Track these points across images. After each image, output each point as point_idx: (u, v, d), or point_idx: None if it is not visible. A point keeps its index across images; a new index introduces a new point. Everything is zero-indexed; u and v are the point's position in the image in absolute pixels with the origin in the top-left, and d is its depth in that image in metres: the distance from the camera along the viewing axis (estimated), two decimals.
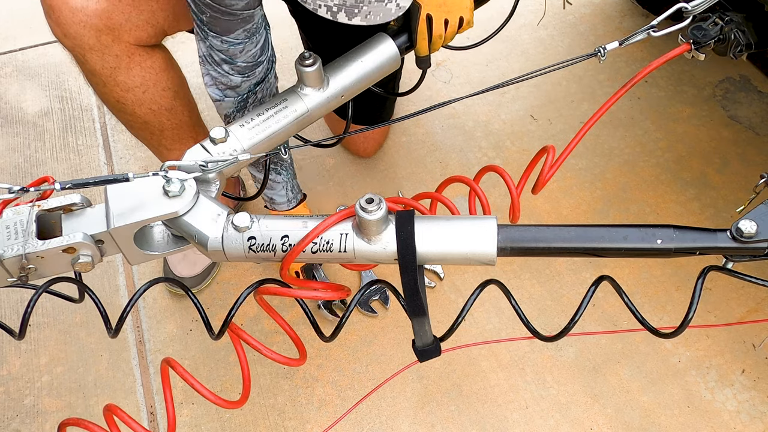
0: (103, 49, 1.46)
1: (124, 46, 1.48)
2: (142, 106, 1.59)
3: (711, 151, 2.19)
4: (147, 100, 1.58)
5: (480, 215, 1.10)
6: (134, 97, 1.56)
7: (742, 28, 1.32)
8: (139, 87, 1.55)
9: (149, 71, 1.55)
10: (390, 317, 1.87)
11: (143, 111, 1.60)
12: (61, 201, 1.02)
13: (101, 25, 1.43)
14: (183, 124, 1.67)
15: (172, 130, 1.67)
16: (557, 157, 1.25)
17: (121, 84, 1.53)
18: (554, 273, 1.93)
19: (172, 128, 1.66)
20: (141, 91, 1.56)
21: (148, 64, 1.54)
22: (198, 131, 1.73)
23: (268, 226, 1.03)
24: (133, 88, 1.55)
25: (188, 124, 1.69)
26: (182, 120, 1.67)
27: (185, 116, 1.67)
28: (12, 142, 2.34)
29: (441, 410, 1.71)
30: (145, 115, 1.61)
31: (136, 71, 1.53)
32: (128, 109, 1.59)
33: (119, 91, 1.55)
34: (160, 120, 1.63)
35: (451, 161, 2.20)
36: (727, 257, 1.02)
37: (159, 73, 1.56)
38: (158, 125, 1.64)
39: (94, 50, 1.46)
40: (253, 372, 1.74)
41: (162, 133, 1.67)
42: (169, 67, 1.60)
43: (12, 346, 1.85)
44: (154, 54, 1.55)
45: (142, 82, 1.55)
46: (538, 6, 2.58)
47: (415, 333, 1.09)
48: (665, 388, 1.73)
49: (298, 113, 1.33)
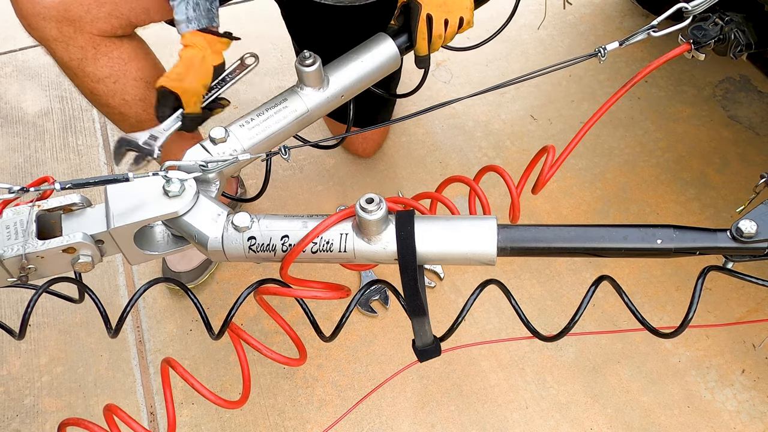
0: (67, 40, 1.47)
1: (87, 37, 1.48)
2: (114, 97, 1.59)
3: (711, 151, 2.19)
4: (119, 90, 1.58)
5: (480, 215, 1.10)
6: (105, 88, 1.56)
7: (742, 28, 1.32)
8: (109, 77, 1.55)
9: (117, 61, 1.54)
10: (390, 317, 1.87)
11: (117, 102, 1.60)
12: (61, 201, 1.02)
13: (60, 16, 1.43)
14: None
15: (150, 121, 1.66)
16: (557, 157, 1.25)
17: (90, 75, 1.53)
18: (554, 273, 1.93)
19: (149, 119, 1.65)
20: (111, 81, 1.56)
21: (115, 55, 1.53)
22: None
23: (268, 226, 1.03)
24: (103, 78, 1.55)
25: None
26: None
27: None
28: (12, 142, 2.34)
29: (441, 410, 1.71)
30: (119, 106, 1.61)
31: (103, 62, 1.52)
32: (102, 100, 1.59)
33: (90, 82, 1.55)
34: (135, 111, 1.63)
35: (451, 161, 2.20)
36: (727, 257, 1.02)
37: (128, 63, 1.56)
38: (135, 116, 1.64)
39: (57, 41, 1.47)
40: (253, 372, 1.74)
41: (140, 124, 1.65)
42: (139, 57, 1.59)
43: (12, 346, 1.85)
44: (121, 44, 1.54)
45: (110, 73, 1.54)
46: (538, 6, 2.58)
47: (415, 333, 1.09)
48: (665, 388, 1.73)
49: (298, 113, 1.33)
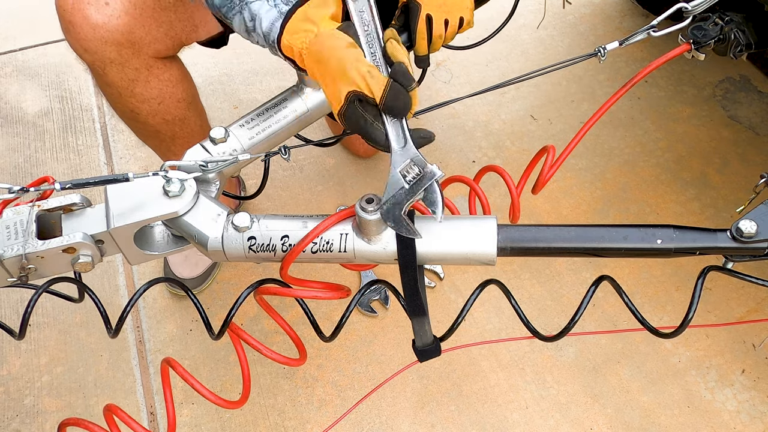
0: (124, 62, 1.46)
1: (143, 59, 1.48)
2: (156, 117, 1.59)
3: (711, 151, 2.19)
4: (162, 111, 1.59)
5: (480, 215, 1.10)
6: (149, 108, 1.57)
7: (742, 28, 1.32)
8: (156, 98, 1.56)
9: (166, 83, 1.55)
10: (390, 317, 1.87)
11: (156, 121, 1.60)
12: (61, 201, 1.02)
13: (123, 39, 1.42)
14: (194, 133, 1.69)
15: (183, 138, 1.68)
16: (557, 157, 1.25)
17: (137, 95, 1.53)
18: (554, 273, 1.93)
19: (183, 137, 1.68)
20: (157, 102, 1.56)
21: (166, 77, 1.54)
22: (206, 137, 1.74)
23: (268, 226, 1.03)
24: (149, 99, 1.55)
25: (199, 133, 1.70)
26: (193, 129, 1.68)
27: (197, 126, 1.69)
28: (12, 142, 2.34)
29: (441, 410, 1.71)
30: (158, 125, 1.62)
31: (154, 83, 1.53)
32: (141, 119, 1.60)
33: (135, 102, 1.55)
34: (172, 129, 1.64)
35: (451, 161, 2.20)
36: (727, 257, 1.02)
37: (175, 85, 1.57)
38: (170, 134, 1.65)
39: (114, 64, 1.46)
40: (253, 372, 1.74)
41: (173, 141, 1.68)
42: (184, 78, 1.61)
43: (12, 346, 1.85)
44: (171, 66, 1.55)
45: (158, 94, 1.55)
46: (538, 6, 2.58)
47: (415, 333, 1.09)
48: (665, 388, 1.73)
49: (298, 113, 1.33)
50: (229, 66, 2.52)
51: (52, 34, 2.68)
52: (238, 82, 2.47)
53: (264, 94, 2.40)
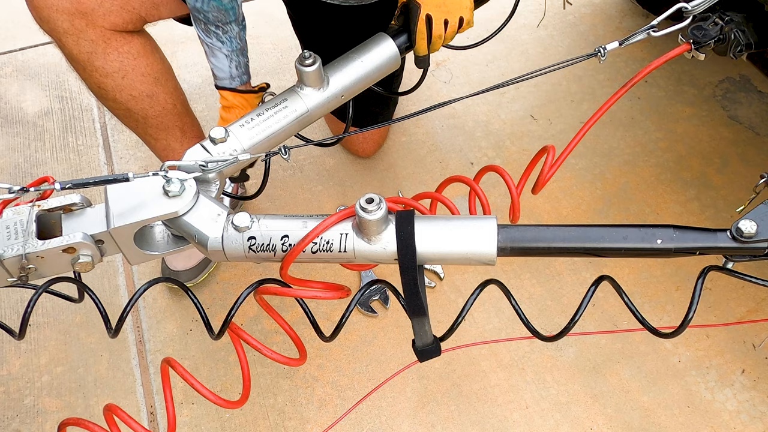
0: (78, 33, 1.47)
1: (99, 31, 1.48)
2: (122, 92, 1.59)
3: (711, 151, 2.19)
4: (126, 85, 1.58)
5: (480, 215, 1.10)
6: (113, 83, 1.57)
7: (742, 28, 1.32)
8: (118, 72, 1.56)
9: (126, 56, 1.55)
10: (390, 317, 1.87)
11: (124, 97, 1.60)
12: (61, 201, 1.02)
13: (72, 9, 1.44)
14: (166, 112, 1.67)
15: (156, 117, 1.67)
16: (557, 157, 1.25)
17: (99, 69, 1.54)
18: (554, 273, 1.93)
19: (155, 116, 1.66)
20: (120, 76, 1.56)
21: (125, 50, 1.54)
22: (184, 121, 1.73)
23: (268, 226, 1.03)
24: (112, 73, 1.55)
25: (172, 113, 1.68)
26: (165, 108, 1.67)
27: (169, 104, 1.67)
28: (12, 142, 2.34)
29: (441, 410, 1.71)
30: (126, 102, 1.61)
31: (113, 56, 1.53)
32: (109, 95, 1.60)
33: (98, 76, 1.56)
34: (142, 107, 1.64)
35: (451, 161, 2.20)
36: (727, 257, 1.02)
37: (137, 59, 1.57)
38: (141, 112, 1.65)
39: (68, 34, 1.47)
40: (253, 372, 1.74)
41: (146, 120, 1.67)
42: (148, 52, 1.60)
43: (12, 346, 1.85)
44: (132, 39, 1.55)
45: (120, 68, 1.55)
46: (538, 6, 2.58)
47: (415, 333, 1.09)
48: (665, 388, 1.73)
49: (298, 113, 1.33)
50: None
51: None
52: None
53: None
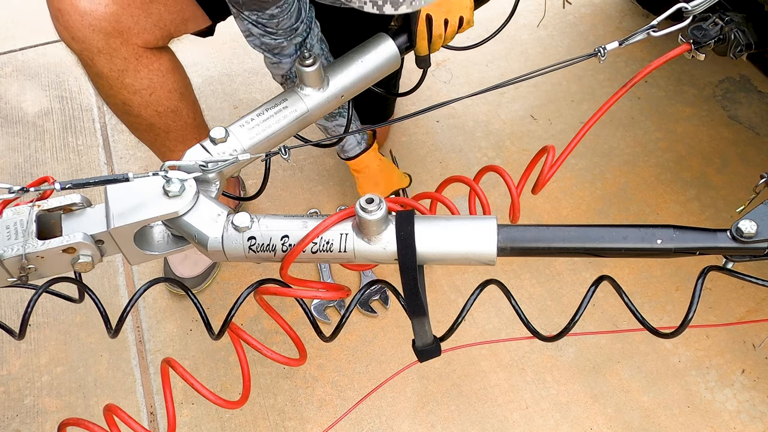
0: (112, 52, 1.46)
1: (132, 49, 1.48)
2: (148, 108, 1.59)
3: (711, 151, 2.19)
4: (153, 102, 1.58)
5: (480, 215, 1.10)
6: (141, 100, 1.57)
7: (742, 28, 1.32)
8: (146, 89, 1.55)
9: (156, 73, 1.55)
10: (390, 317, 1.87)
11: (149, 113, 1.60)
12: (61, 201, 1.02)
13: (110, 28, 1.42)
14: (188, 125, 1.68)
15: (177, 131, 1.67)
16: (557, 157, 1.25)
17: (128, 86, 1.53)
18: (554, 273, 1.93)
19: (176, 129, 1.67)
20: (148, 93, 1.56)
21: (155, 67, 1.54)
22: (201, 132, 1.73)
23: (268, 226, 1.03)
24: (140, 90, 1.55)
25: (192, 126, 1.69)
26: (187, 122, 1.67)
27: (190, 118, 1.68)
28: (12, 142, 2.34)
29: (441, 410, 1.71)
30: (150, 117, 1.61)
31: (144, 73, 1.53)
32: (134, 111, 1.59)
33: (126, 93, 1.55)
34: (165, 122, 1.64)
35: (451, 161, 2.20)
36: (727, 257, 1.02)
37: (166, 75, 1.57)
38: (164, 127, 1.65)
39: (102, 53, 1.46)
40: (253, 372, 1.74)
41: (167, 134, 1.67)
42: (176, 68, 1.60)
43: (12, 346, 1.85)
44: (161, 56, 1.55)
45: (149, 85, 1.55)
46: (538, 6, 2.58)
47: (415, 333, 1.09)
48: (665, 388, 1.73)
49: (298, 113, 1.34)
50: (229, 66, 2.51)
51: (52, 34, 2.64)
52: (238, 82, 2.47)
53: (264, 94, 2.39)
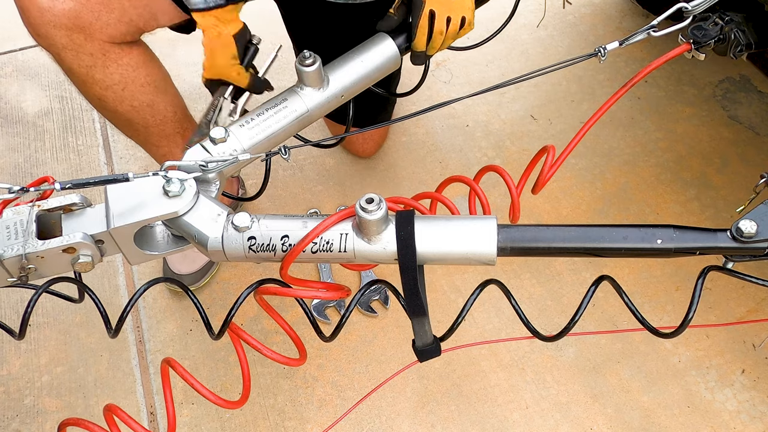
0: (77, 48, 1.46)
1: (97, 45, 1.47)
2: (122, 103, 1.58)
3: (711, 151, 2.19)
4: (127, 96, 1.58)
5: (480, 215, 1.10)
6: (114, 95, 1.56)
7: (742, 28, 1.32)
8: (118, 84, 1.55)
9: (126, 68, 1.54)
10: (390, 317, 1.87)
11: (124, 108, 1.60)
12: (61, 201, 1.02)
13: (70, 24, 1.43)
14: (167, 120, 1.67)
15: (157, 126, 1.66)
16: (557, 157, 1.25)
17: (99, 82, 1.53)
18: (554, 273, 1.93)
19: (156, 124, 1.66)
20: (120, 88, 1.55)
21: (125, 62, 1.53)
22: (185, 127, 1.72)
23: (268, 226, 1.03)
24: (112, 85, 1.54)
25: (172, 120, 1.68)
26: (166, 116, 1.66)
27: (169, 112, 1.67)
28: (12, 142, 2.34)
29: (441, 410, 1.71)
30: (127, 112, 1.61)
31: (113, 68, 1.52)
32: (109, 106, 1.59)
33: (98, 89, 1.55)
34: (143, 116, 1.63)
35: (451, 161, 2.20)
36: (727, 257, 1.02)
37: (137, 70, 1.56)
38: (142, 122, 1.64)
39: (67, 49, 1.46)
40: (253, 372, 1.74)
41: (147, 129, 1.66)
42: (147, 62, 1.59)
43: (12, 346, 1.85)
44: (130, 51, 1.54)
45: (120, 80, 1.54)
46: (538, 6, 2.58)
47: (415, 333, 1.09)
48: (665, 388, 1.73)
49: (298, 113, 1.33)
50: None
51: None
52: None
53: (264, 94, 2.39)
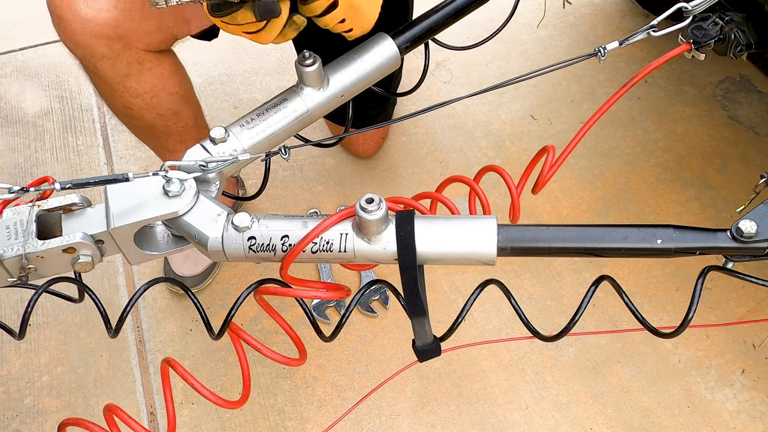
0: (115, 56, 1.46)
1: (135, 53, 1.47)
2: (150, 111, 1.59)
3: (711, 151, 2.19)
4: (155, 104, 1.58)
5: (480, 215, 1.10)
6: (143, 102, 1.56)
7: (742, 28, 1.32)
8: (149, 92, 1.55)
9: (159, 77, 1.55)
10: (390, 317, 1.87)
11: (151, 115, 1.60)
12: (61, 201, 1.02)
13: (112, 33, 1.42)
14: (188, 127, 1.68)
15: (178, 133, 1.67)
16: (557, 157, 1.25)
17: (130, 90, 1.53)
18: (554, 273, 1.93)
19: (177, 132, 1.67)
20: (150, 96, 1.56)
21: (158, 70, 1.54)
22: (202, 132, 1.73)
23: (268, 226, 1.03)
24: (143, 93, 1.55)
25: (193, 127, 1.69)
26: (187, 123, 1.68)
27: (191, 120, 1.68)
28: (12, 142, 2.34)
29: (441, 410, 1.71)
30: (152, 120, 1.61)
31: (147, 77, 1.53)
32: (135, 113, 1.59)
33: (128, 96, 1.54)
34: (166, 124, 1.64)
35: (451, 161, 2.20)
36: (727, 257, 1.02)
37: (168, 79, 1.57)
38: (164, 129, 1.65)
39: (106, 58, 1.46)
40: (253, 372, 1.74)
41: (167, 136, 1.67)
42: (178, 71, 1.60)
43: (12, 346, 1.85)
44: (164, 59, 1.55)
45: (151, 88, 1.55)
46: (538, 6, 2.58)
47: (415, 333, 1.09)
48: (665, 388, 1.73)
49: (298, 113, 1.33)
50: (229, 66, 2.51)
51: (52, 34, 2.65)
52: (238, 82, 2.47)
53: (264, 94, 2.40)
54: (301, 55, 1.31)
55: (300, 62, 1.32)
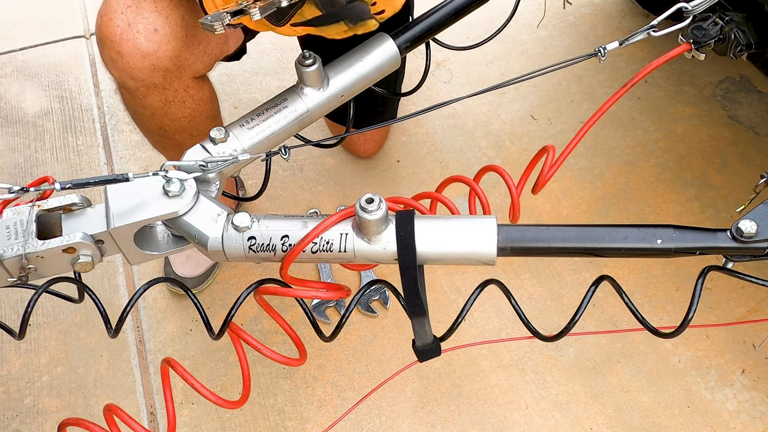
0: (166, 85, 1.46)
1: (183, 81, 1.48)
2: (182, 133, 1.60)
3: (711, 151, 2.19)
4: (190, 127, 1.59)
5: (480, 215, 1.10)
6: (178, 125, 1.57)
7: (742, 28, 1.32)
8: (187, 117, 1.56)
9: (199, 102, 1.56)
10: (390, 317, 1.87)
11: (182, 136, 1.61)
12: (61, 201, 1.02)
13: (171, 65, 1.42)
14: None
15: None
16: (557, 157, 1.25)
17: (170, 115, 1.54)
18: (554, 273, 1.93)
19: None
20: (187, 120, 1.57)
21: (199, 96, 1.55)
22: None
23: (268, 226, 1.03)
24: (181, 118, 1.55)
25: None
26: None
27: None
28: (12, 142, 2.34)
29: (441, 410, 1.71)
30: (182, 139, 1.62)
31: (189, 103, 1.54)
32: (168, 134, 1.60)
33: (167, 121, 1.55)
34: (195, 143, 1.65)
35: (451, 161, 2.20)
36: (727, 257, 1.02)
37: (206, 104, 1.58)
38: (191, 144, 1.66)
39: (158, 88, 1.46)
40: (253, 372, 1.74)
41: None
42: (214, 95, 1.62)
43: (12, 346, 1.85)
44: (204, 85, 1.56)
45: (190, 113, 1.56)
46: (538, 6, 2.58)
47: (415, 333, 1.09)
48: (665, 388, 1.73)
49: (298, 113, 1.33)
50: (229, 66, 2.51)
51: (52, 34, 2.68)
52: (238, 82, 2.47)
53: (264, 94, 2.40)
54: (301, 55, 1.31)
55: (300, 62, 1.32)
